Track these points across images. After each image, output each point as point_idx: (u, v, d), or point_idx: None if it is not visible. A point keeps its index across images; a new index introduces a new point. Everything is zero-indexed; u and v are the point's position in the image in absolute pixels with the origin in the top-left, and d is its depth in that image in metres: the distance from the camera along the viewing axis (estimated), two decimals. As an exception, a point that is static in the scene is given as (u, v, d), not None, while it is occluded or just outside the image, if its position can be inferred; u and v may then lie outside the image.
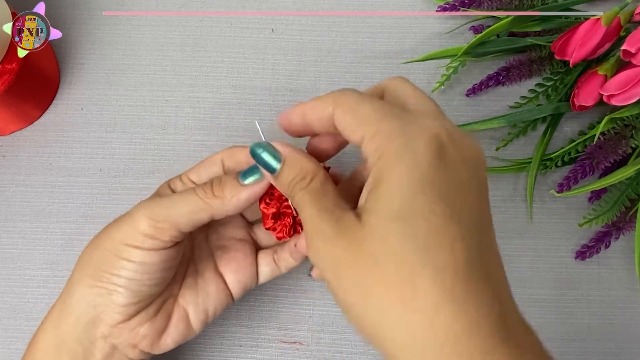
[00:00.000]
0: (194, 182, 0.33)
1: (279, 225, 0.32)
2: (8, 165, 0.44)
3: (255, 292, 0.42)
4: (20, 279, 0.42)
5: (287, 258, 0.34)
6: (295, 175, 0.27)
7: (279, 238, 0.32)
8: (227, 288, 0.33)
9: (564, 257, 0.42)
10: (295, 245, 0.33)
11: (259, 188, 0.29)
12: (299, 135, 0.29)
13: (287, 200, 0.31)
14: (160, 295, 0.31)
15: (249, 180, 0.29)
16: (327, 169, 0.31)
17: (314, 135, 0.30)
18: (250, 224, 0.36)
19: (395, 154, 0.23)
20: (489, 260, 0.24)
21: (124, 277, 0.29)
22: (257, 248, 0.36)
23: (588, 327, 0.41)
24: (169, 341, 0.32)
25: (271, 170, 0.28)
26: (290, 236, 0.32)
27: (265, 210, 0.31)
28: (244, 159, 0.33)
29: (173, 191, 0.32)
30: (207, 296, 0.33)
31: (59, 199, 0.43)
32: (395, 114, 0.25)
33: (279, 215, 0.31)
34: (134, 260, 0.29)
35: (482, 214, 0.25)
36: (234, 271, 0.33)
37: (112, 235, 0.30)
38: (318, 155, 0.30)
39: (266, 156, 0.28)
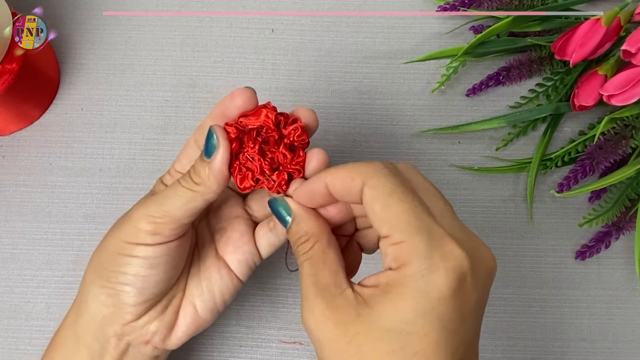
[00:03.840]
0: (180, 172, 0.33)
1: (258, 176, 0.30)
2: (8, 165, 0.44)
3: (255, 292, 0.42)
4: (20, 279, 0.42)
5: None
6: (300, 236, 0.28)
7: (270, 188, 0.30)
8: (231, 271, 0.33)
9: (564, 257, 0.42)
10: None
11: (222, 153, 0.29)
12: (320, 206, 0.29)
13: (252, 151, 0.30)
14: (168, 292, 0.32)
15: (211, 153, 0.29)
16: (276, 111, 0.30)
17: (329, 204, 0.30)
18: (244, 200, 0.36)
19: (413, 279, 0.24)
20: None
21: (130, 275, 0.29)
22: (255, 224, 0.35)
23: (588, 327, 0.41)
24: (180, 335, 0.32)
25: (283, 223, 0.29)
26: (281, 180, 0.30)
27: (239, 175, 0.30)
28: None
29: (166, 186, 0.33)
30: (210, 283, 0.33)
31: (59, 199, 0.43)
32: (424, 227, 0.25)
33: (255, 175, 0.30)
34: (139, 255, 0.29)
35: (475, 333, 0.26)
36: (232, 252, 0.33)
37: (116, 236, 0.30)
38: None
39: (280, 209, 0.29)
